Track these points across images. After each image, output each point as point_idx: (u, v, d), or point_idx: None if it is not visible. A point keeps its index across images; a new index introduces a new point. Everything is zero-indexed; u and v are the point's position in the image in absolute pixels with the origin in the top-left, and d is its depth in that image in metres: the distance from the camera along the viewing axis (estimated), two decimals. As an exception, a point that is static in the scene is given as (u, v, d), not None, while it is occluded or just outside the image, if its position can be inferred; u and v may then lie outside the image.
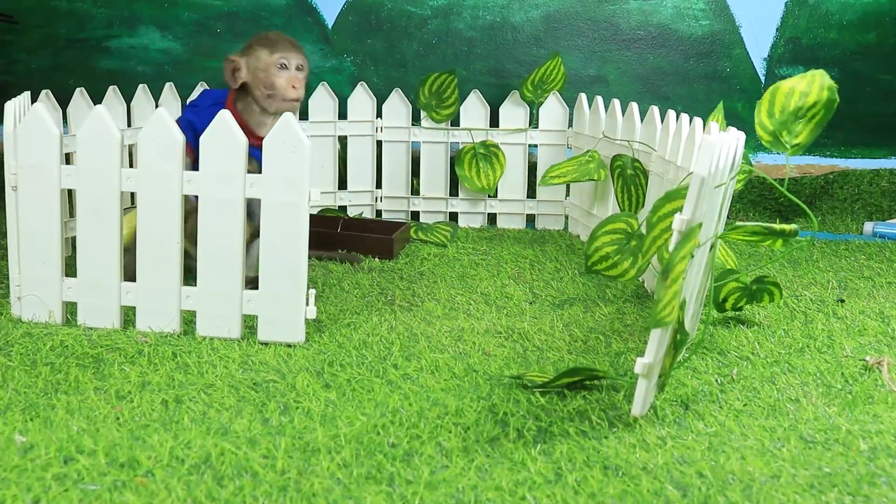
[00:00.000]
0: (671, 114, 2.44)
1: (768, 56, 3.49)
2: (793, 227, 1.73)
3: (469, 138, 3.20)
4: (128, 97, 2.92)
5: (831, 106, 1.63)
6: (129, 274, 1.94)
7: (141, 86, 2.99)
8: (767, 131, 1.64)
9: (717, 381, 1.74)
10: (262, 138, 2.09)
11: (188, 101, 2.55)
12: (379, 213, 3.23)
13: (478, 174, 3.17)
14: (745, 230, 1.76)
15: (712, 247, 1.73)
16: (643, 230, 1.80)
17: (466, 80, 3.41)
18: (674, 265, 1.42)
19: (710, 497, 1.28)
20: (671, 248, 1.48)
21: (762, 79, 3.49)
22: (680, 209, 1.54)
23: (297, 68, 2.18)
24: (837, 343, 1.99)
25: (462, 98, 3.22)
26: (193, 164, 2.04)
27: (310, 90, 3.22)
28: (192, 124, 2.15)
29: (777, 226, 1.73)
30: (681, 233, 1.47)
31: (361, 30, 3.46)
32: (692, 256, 1.48)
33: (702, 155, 1.45)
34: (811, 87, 1.63)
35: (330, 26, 3.46)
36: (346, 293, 2.29)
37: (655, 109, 2.59)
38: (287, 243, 1.87)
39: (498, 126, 3.22)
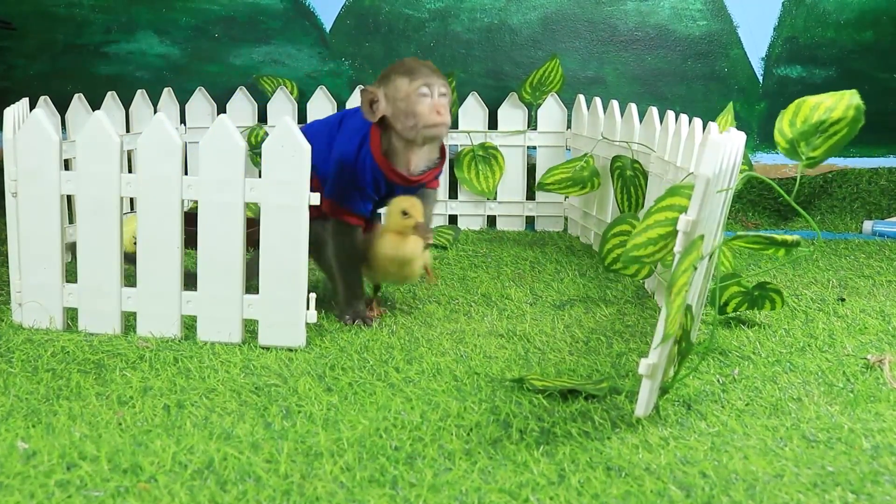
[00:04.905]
0: (670, 114, 2.44)
1: (766, 56, 3.49)
2: (795, 238, 1.72)
3: (468, 140, 3.21)
4: (126, 102, 2.92)
5: (855, 126, 1.58)
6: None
7: (139, 91, 2.99)
8: (786, 139, 1.61)
9: (718, 380, 1.74)
10: (409, 177, 2.10)
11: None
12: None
13: (477, 176, 3.17)
14: (748, 239, 1.76)
15: (712, 255, 1.73)
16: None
17: (465, 83, 3.41)
18: (676, 278, 1.42)
19: (714, 497, 1.28)
20: (676, 248, 1.48)
21: (760, 79, 3.49)
22: (681, 207, 1.54)
23: (440, 95, 2.03)
24: (838, 342, 1.99)
25: (460, 100, 3.23)
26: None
27: (308, 94, 3.23)
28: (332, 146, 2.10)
29: (780, 237, 1.73)
30: (685, 233, 1.47)
31: (359, 33, 3.46)
32: (695, 269, 1.47)
33: (707, 155, 1.45)
34: (838, 103, 1.60)
35: (328, 30, 3.46)
36: (346, 296, 2.28)
37: (654, 110, 2.59)
38: (287, 247, 1.87)
39: (496, 128, 3.22)
